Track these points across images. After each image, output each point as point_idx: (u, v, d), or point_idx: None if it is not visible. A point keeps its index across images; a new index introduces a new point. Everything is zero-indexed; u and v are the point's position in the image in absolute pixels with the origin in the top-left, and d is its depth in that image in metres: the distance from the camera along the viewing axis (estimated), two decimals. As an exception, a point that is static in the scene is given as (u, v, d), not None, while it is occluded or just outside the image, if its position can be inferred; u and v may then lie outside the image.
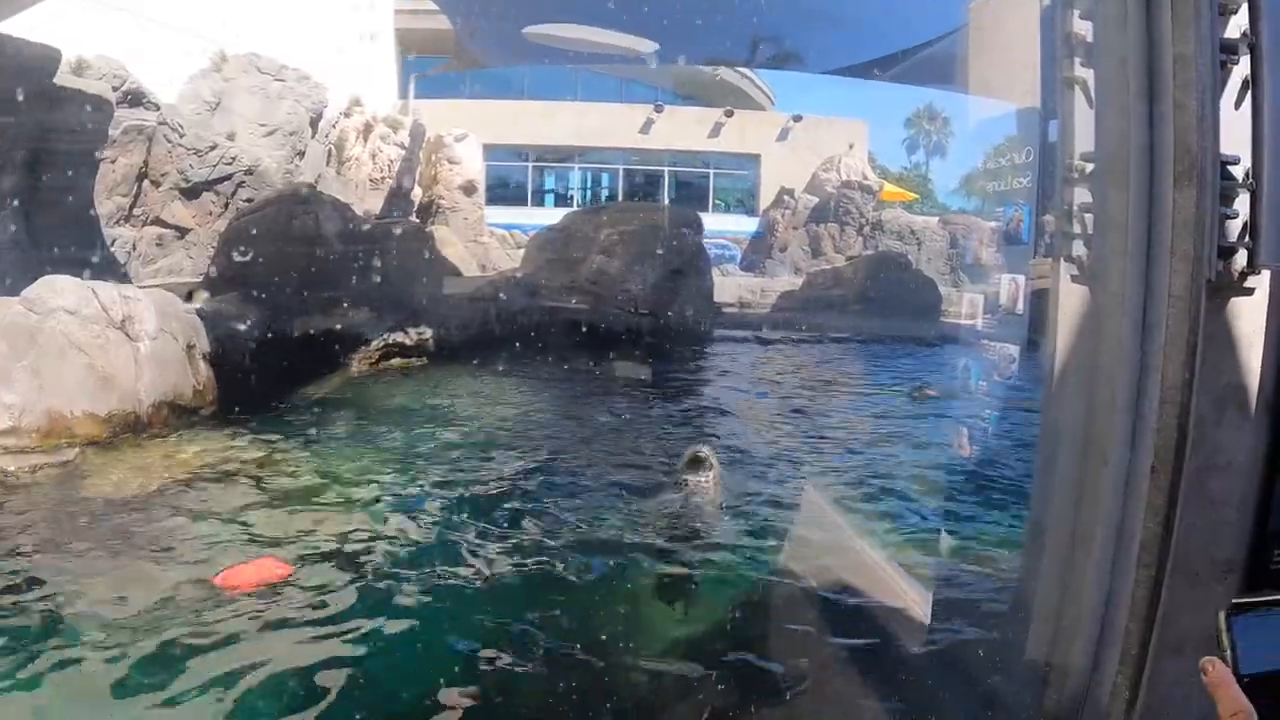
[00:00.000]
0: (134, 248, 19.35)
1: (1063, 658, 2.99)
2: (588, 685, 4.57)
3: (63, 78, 15.83)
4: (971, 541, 6.69)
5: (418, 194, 30.60)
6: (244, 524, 6.79)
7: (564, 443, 9.96)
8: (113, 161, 18.54)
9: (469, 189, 31.97)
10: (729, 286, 28.36)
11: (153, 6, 21.14)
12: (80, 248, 15.17)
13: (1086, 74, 2.93)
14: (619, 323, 16.61)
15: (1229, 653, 1.14)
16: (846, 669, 4.49)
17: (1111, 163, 2.80)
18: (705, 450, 8.19)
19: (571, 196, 42.51)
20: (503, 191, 40.08)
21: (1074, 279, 2.99)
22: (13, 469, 7.70)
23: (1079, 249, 2.97)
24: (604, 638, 5.06)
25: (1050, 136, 3.34)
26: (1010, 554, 5.97)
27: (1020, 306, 3.50)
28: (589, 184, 44.22)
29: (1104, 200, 2.84)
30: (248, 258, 12.96)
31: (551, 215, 26.56)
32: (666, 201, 39.54)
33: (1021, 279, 3.53)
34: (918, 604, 4.85)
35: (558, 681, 4.59)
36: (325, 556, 6.22)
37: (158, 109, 19.73)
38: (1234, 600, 1.18)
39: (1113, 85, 2.80)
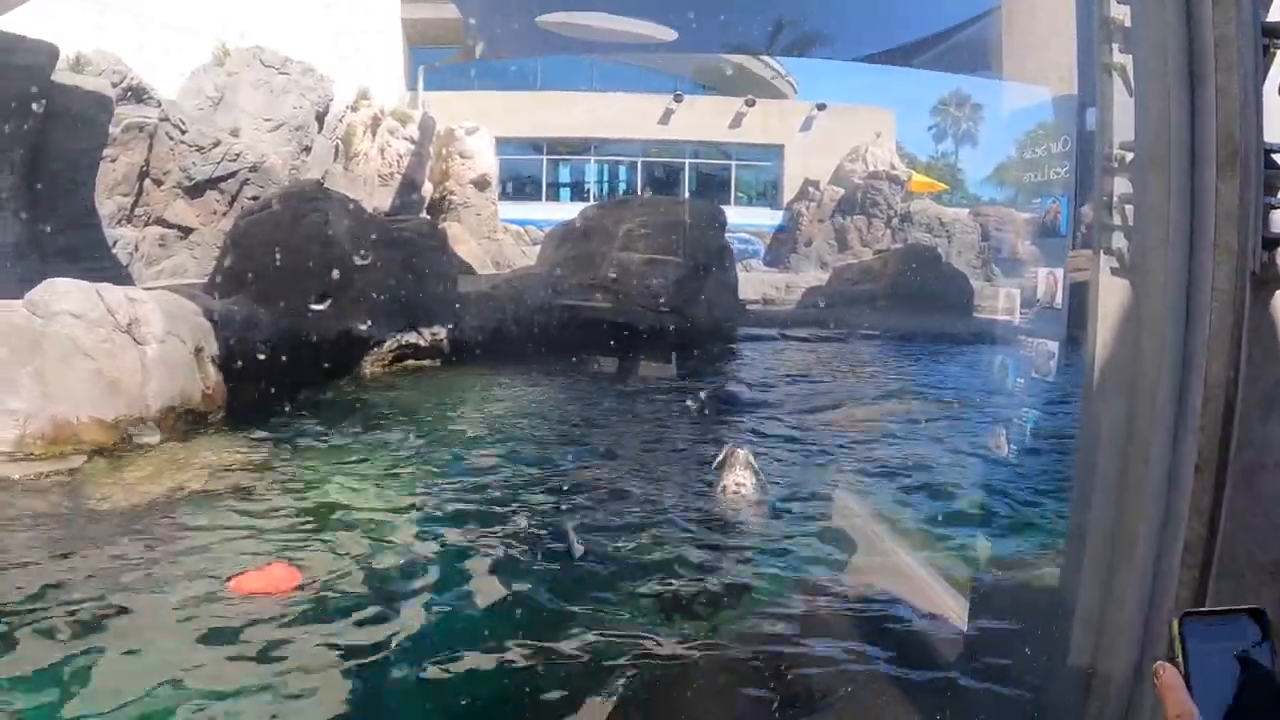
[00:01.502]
0: (136, 248, 19.46)
1: (1105, 665, 2.99)
2: (614, 692, 4.59)
3: (61, 74, 15.92)
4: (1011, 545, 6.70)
5: (428, 189, 30.64)
6: (255, 530, 6.84)
7: (587, 445, 9.98)
8: (113, 160, 18.64)
9: (481, 184, 32.01)
10: (753, 282, 28.37)
11: (153, 5, 21.26)
12: (81, 249, 15.28)
13: (1125, 59, 2.94)
14: (641, 321, 16.61)
15: (1180, 658, 1.22)
16: (882, 678, 4.51)
17: (1151, 151, 2.81)
18: (742, 450, 8.19)
19: (588, 190, 42.54)
20: (517, 186, 40.16)
21: (1114, 272, 2.99)
22: (18, 477, 7.77)
23: (1119, 241, 2.98)
24: (633, 643, 5.08)
25: (1088, 124, 3.33)
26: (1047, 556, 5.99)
27: (1058, 300, 3.51)
28: (606, 177, 44.26)
29: (1144, 190, 2.84)
30: (254, 257, 13.03)
31: (568, 210, 26.59)
32: (687, 195, 39.53)
33: (1059, 272, 3.53)
34: (955, 611, 4.86)
35: (584, 687, 4.62)
36: (338, 562, 6.26)
37: (159, 105, 19.82)
38: (1186, 610, 1.26)
39: (1152, 71, 2.81)
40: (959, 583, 5.50)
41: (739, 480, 7.87)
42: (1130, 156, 2.92)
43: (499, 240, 31.54)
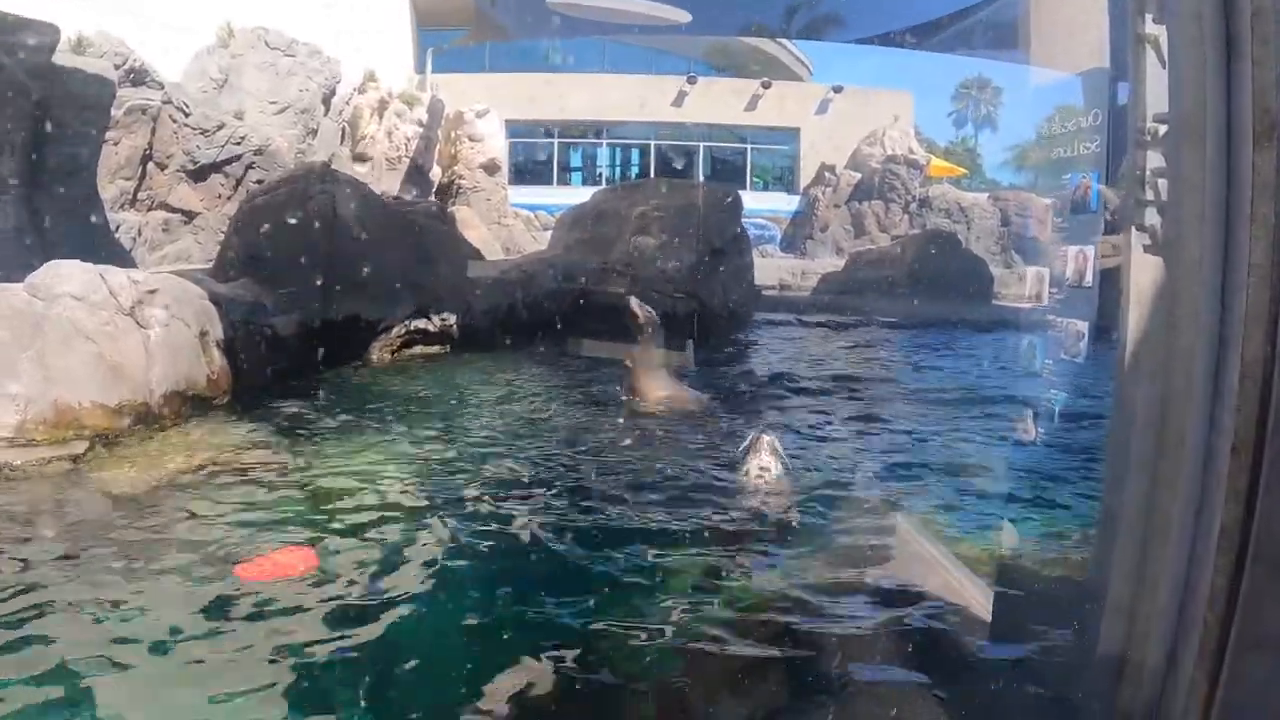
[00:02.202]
0: (139, 233, 19.53)
1: (1137, 654, 2.98)
2: (629, 679, 4.59)
3: (62, 56, 15.93)
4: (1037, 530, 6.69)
5: (437, 174, 30.69)
6: (261, 517, 6.84)
7: (603, 432, 9.96)
8: (115, 143, 18.69)
9: (491, 168, 32.05)
10: (768, 268, 28.34)
11: (153, 5, 21.29)
12: (83, 233, 15.32)
13: (1159, 30, 2.92)
14: (656, 306, 16.54)
15: None
16: (903, 667, 4.50)
17: (1186, 124, 2.79)
18: (767, 436, 8.15)
19: (600, 174, 42.55)
20: (527, 170, 40.17)
21: (1147, 249, 2.98)
22: (19, 463, 7.78)
23: (1152, 217, 2.96)
24: (647, 632, 5.08)
25: (1119, 99, 3.32)
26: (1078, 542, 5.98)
27: (1089, 278, 3.49)
28: (618, 161, 44.27)
29: (1178, 164, 2.82)
30: (260, 241, 13.03)
31: (579, 194, 26.58)
32: (701, 178, 39.52)
33: (1090, 250, 3.51)
34: (980, 599, 4.84)
35: (597, 675, 4.61)
36: (346, 550, 6.26)
37: (162, 87, 19.87)
38: None
39: (1188, 41, 2.79)
40: (985, 569, 5.49)
41: (764, 465, 7.84)
42: (1164, 130, 2.90)
43: (509, 225, 31.59)
